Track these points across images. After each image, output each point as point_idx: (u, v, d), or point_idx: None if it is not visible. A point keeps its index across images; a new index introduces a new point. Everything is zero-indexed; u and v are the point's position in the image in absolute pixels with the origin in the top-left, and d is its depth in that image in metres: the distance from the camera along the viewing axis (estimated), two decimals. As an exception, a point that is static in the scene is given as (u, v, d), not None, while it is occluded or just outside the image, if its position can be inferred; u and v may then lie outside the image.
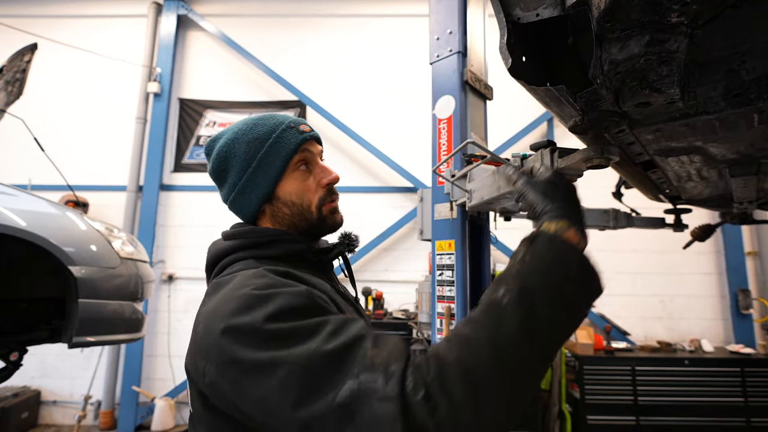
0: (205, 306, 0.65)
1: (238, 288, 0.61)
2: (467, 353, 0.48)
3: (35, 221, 1.67)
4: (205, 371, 0.57)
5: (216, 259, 0.77)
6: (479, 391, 0.46)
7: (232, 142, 0.78)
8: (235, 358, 0.54)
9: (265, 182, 0.76)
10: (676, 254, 4.07)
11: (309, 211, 0.78)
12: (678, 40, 0.72)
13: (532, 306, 0.50)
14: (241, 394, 0.53)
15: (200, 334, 0.60)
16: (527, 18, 0.83)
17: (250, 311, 0.56)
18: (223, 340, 0.55)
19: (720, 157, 1.17)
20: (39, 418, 4.35)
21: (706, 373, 3.43)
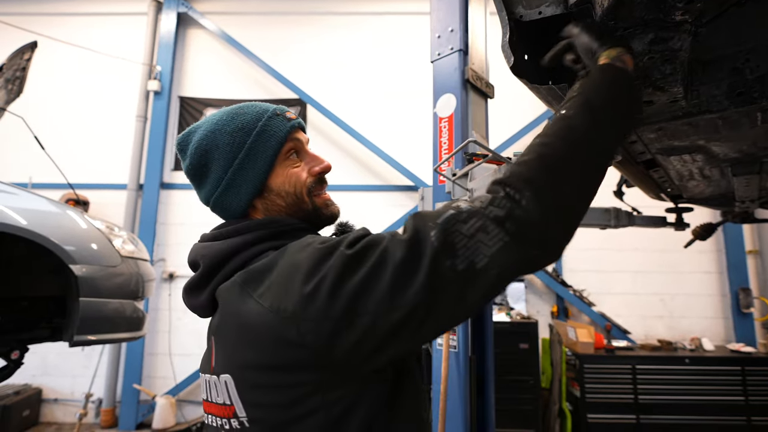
0: (255, 292, 0.59)
1: (300, 251, 0.60)
2: (542, 149, 0.56)
3: (36, 220, 1.67)
4: (305, 333, 0.54)
5: (222, 261, 0.66)
6: (556, 171, 0.54)
7: (212, 134, 0.71)
8: (334, 297, 0.53)
9: (255, 174, 0.70)
10: (677, 253, 4.07)
11: (303, 200, 0.73)
12: (682, 38, 0.71)
13: (595, 110, 0.58)
14: (354, 320, 0.53)
15: (276, 308, 0.56)
16: (529, 16, 0.83)
17: (329, 254, 0.56)
18: (318, 287, 0.54)
19: (722, 156, 1.17)
20: (40, 416, 4.36)
21: (707, 371, 3.44)
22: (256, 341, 0.58)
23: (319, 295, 0.54)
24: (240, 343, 0.60)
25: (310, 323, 0.54)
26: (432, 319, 0.53)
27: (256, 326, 0.58)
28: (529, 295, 4.35)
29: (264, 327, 0.57)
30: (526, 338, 3.55)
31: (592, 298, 4.34)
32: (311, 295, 0.54)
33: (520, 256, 0.52)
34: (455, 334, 1.65)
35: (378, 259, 0.54)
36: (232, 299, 0.62)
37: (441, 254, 0.52)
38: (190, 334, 4.46)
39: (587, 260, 4.42)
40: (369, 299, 0.53)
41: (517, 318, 3.76)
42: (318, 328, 0.54)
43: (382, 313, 0.53)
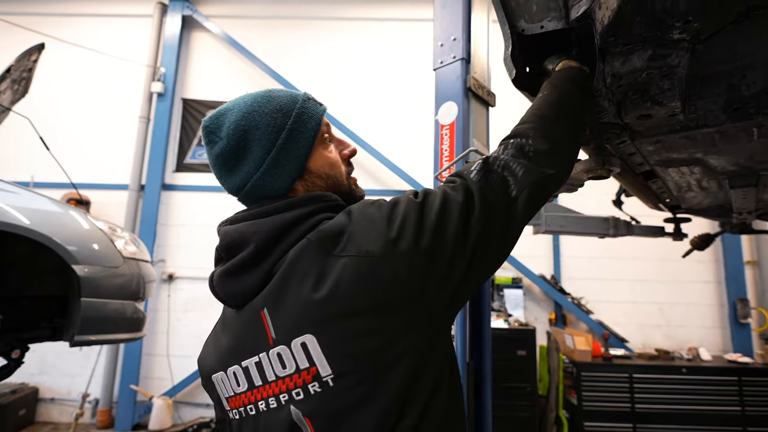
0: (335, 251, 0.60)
1: (368, 207, 0.64)
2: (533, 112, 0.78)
3: (38, 219, 1.68)
4: (396, 270, 0.57)
5: (281, 233, 0.64)
6: (547, 121, 0.75)
7: (250, 114, 0.69)
8: (416, 234, 0.60)
9: (298, 155, 0.70)
10: (676, 262, 4.08)
11: (341, 182, 0.75)
12: (680, 55, 0.73)
13: (562, 89, 0.80)
14: (437, 251, 0.60)
15: (363, 252, 0.58)
16: (532, 30, 0.85)
17: (398, 205, 0.64)
18: (401, 228, 0.60)
19: (720, 169, 1.19)
20: (36, 415, 4.34)
21: (704, 381, 3.44)
22: (342, 289, 0.58)
23: (405, 233, 0.59)
24: (322, 298, 0.58)
25: (401, 259, 0.58)
26: (494, 242, 0.65)
27: (341, 275, 0.58)
28: (527, 302, 4.35)
29: (351, 274, 0.58)
30: (524, 345, 3.56)
31: (590, 306, 4.35)
32: (399, 233, 0.59)
33: (539, 174, 0.69)
34: (453, 340, 1.66)
35: (443, 201, 0.63)
36: (304, 259, 0.61)
37: (486, 190, 0.65)
38: (188, 335, 4.45)
39: (586, 268, 4.44)
40: (448, 232, 0.61)
41: (515, 325, 3.76)
42: (411, 263, 0.58)
43: (460, 242, 0.61)
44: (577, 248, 4.46)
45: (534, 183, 0.68)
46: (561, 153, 0.74)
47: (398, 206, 0.63)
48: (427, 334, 0.61)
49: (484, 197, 0.64)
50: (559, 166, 0.72)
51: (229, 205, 3.49)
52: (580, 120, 0.83)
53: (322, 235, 0.61)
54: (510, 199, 0.66)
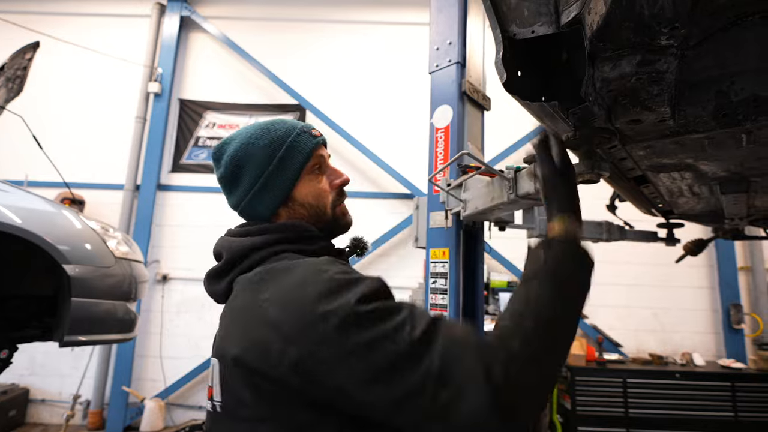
0: (263, 294, 0.63)
1: (314, 274, 0.62)
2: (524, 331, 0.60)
3: (30, 218, 1.67)
4: (285, 355, 0.57)
5: (240, 256, 0.72)
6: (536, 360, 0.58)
7: (247, 146, 0.77)
8: (328, 339, 0.56)
9: (283, 184, 0.77)
10: (670, 267, 4.09)
11: (325, 212, 0.80)
12: (668, 60, 0.73)
13: (560, 293, 0.65)
14: (340, 373, 0.55)
15: (275, 321, 0.59)
16: (523, 34, 0.85)
17: (338, 294, 0.59)
18: (314, 324, 0.57)
19: (711, 175, 1.19)
20: (27, 416, 4.30)
21: (697, 387, 3.45)
22: (248, 339, 0.62)
23: (311, 333, 0.57)
24: (234, 334, 0.65)
25: (296, 349, 0.57)
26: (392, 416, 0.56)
27: (254, 329, 0.61)
28: (522, 306, 4.35)
29: (260, 331, 0.60)
30: (519, 349, 3.55)
31: (585, 311, 4.35)
32: (305, 328, 0.57)
33: (489, 420, 0.53)
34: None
35: (376, 339, 0.56)
36: (241, 293, 0.68)
37: (432, 377, 0.54)
38: (182, 336, 4.43)
39: (581, 272, 4.45)
40: (354, 363, 0.55)
41: (510, 328, 3.76)
42: (301, 356, 0.56)
43: (354, 383, 0.55)
44: (572, 253, 4.47)
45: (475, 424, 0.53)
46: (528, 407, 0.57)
47: (333, 300, 0.58)
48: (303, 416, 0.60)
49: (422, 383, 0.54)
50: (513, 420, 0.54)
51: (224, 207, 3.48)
52: (571, 339, 0.66)
53: (260, 278, 0.67)
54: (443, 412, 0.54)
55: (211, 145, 4.87)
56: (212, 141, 4.87)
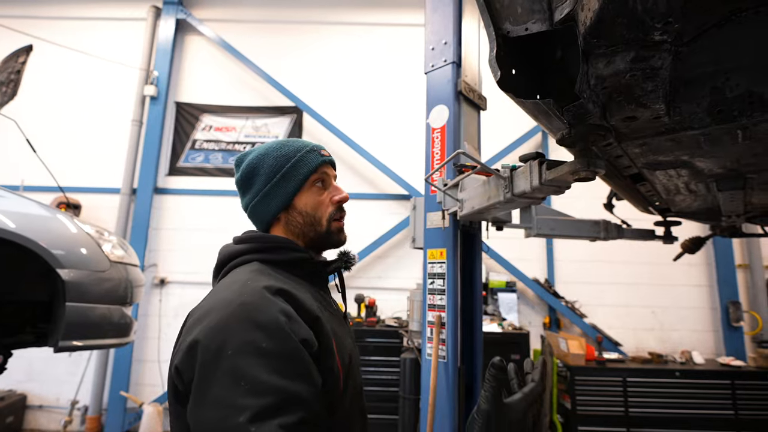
0: (202, 302, 0.73)
1: (231, 294, 0.69)
2: None
3: (24, 223, 1.66)
4: (175, 363, 0.66)
5: (227, 260, 0.83)
6: None
7: (263, 156, 0.88)
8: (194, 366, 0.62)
9: (286, 192, 0.86)
10: (668, 266, 4.10)
11: (320, 223, 0.87)
12: (662, 57, 0.73)
13: None
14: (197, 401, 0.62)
15: (186, 329, 0.69)
16: (516, 32, 0.84)
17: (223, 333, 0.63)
18: (192, 349, 0.63)
19: (707, 172, 1.19)
20: (24, 422, 4.26)
21: (697, 385, 3.44)
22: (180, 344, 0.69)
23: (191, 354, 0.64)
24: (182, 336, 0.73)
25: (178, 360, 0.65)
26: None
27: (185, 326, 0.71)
28: (521, 306, 4.35)
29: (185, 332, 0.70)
30: (518, 349, 3.55)
31: (584, 309, 4.35)
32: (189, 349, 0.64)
33: None
34: (444, 344, 1.64)
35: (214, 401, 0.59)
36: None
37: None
38: (179, 340, 4.40)
39: (579, 272, 4.45)
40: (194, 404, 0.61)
41: (509, 329, 3.75)
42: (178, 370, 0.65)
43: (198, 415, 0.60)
44: (570, 252, 4.48)
45: None
46: None
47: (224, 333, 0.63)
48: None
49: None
50: None
51: (221, 210, 3.52)
52: None
53: (218, 285, 0.77)
54: None
55: (207, 148, 4.85)
56: (209, 144, 4.86)
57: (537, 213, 1.89)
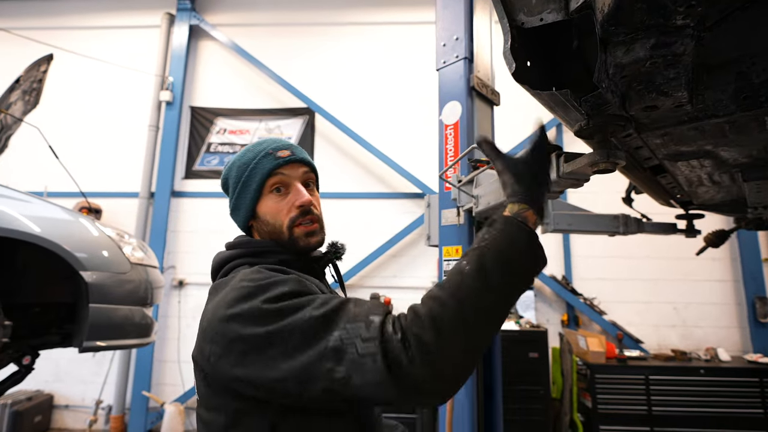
0: (209, 303, 0.75)
1: (237, 282, 0.72)
2: (436, 307, 0.60)
3: (49, 227, 1.71)
4: (210, 353, 0.68)
5: (219, 266, 0.86)
6: (443, 335, 0.58)
7: (231, 166, 0.91)
8: (237, 336, 0.65)
9: (246, 202, 0.87)
10: (691, 260, 3.98)
11: (281, 231, 0.85)
12: (685, 42, 0.71)
13: (486, 274, 0.61)
14: (246, 363, 0.64)
15: (205, 323, 0.72)
16: (531, 23, 0.83)
17: (249, 298, 0.67)
18: (226, 324, 0.67)
19: (732, 161, 1.15)
20: (51, 421, 4.40)
21: (723, 383, 3.34)
22: (197, 341, 0.74)
23: (226, 330, 0.67)
24: (197, 337, 0.76)
25: (215, 347, 0.68)
26: (296, 397, 0.63)
27: (199, 330, 0.74)
28: (538, 304, 4.29)
29: (199, 333, 0.73)
30: (536, 347, 3.50)
31: (603, 306, 4.27)
32: (222, 327, 0.67)
33: (389, 392, 0.58)
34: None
35: (278, 328, 0.64)
36: (206, 301, 0.79)
37: (328, 355, 0.60)
38: (198, 341, 4.48)
39: (598, 268, 4.36)
40: (257, 354, 0.64)
41: (526, 326, 3.71)
42: (217, 353, 0.67)
43: (259, 370, 0.64)
44: (588, 248, 4.39)
45: (377, 395, 0.59)
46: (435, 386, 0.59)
47: (245, 302, 0.67)
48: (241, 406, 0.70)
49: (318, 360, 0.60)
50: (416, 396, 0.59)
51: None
52: (495, 327, 0.64)
53: (213, 286, 0.80)
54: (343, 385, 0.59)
55: (222, 151, 4.92)
56: (223, 147, 4.93)
57: (554, 208, 1.86)
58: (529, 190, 0.74)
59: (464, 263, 0.64)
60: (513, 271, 0.64)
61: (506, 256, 0.64)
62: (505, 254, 0.64)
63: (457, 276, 0.62)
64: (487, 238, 0.66)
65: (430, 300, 0.62)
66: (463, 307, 0.59)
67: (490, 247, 0.64)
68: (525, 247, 0.66)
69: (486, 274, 0.61)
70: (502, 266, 0.63)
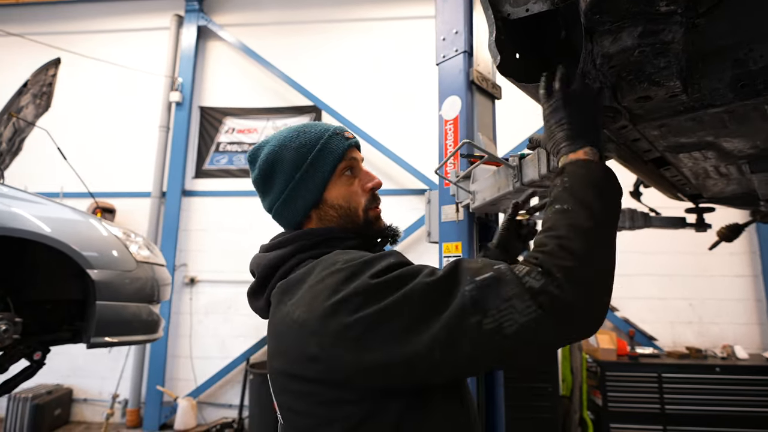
0: (289, 302, 0.66)
1: (328, 268, 0.64)
2: (559, 241, 0.59)
3: (58, 227, 1.76)
4: (319, 351, 0.59)
5: (271, 270, 0.74)
6: (580, 258, 0.57)
7: (280, 148, 0.79)
8: (352, 321, 0.58)
9: (314, 186, 0.78)
10: (707, 255, 3.85)
11: (356, 214, 0.80)
12: (673, 30, 0.68)
13: (588, 203, 0.62)
14: (372, 346, 0.57)
15: (301, 320, 0.62)
16: (517, 14, 0.81)
17: (353, 278, 0.61)
18: (334, 314, 0.59)
19: (737, 153, 1.11)
20: (71, 415, 4.54)
21: (740, 381, 3.25)
22: (285, 350, 0.65)
23: (339, 316, 0.58)
24: (276, 350, 0.69)
25: (325, 340, 0.59)
26: (442, 365, 0.57)
27: (286, 336, 0.65)
28: (548, 300, 4.23)
29: (291, 338, 0.63)
30: (545, 344, 3.45)
31: (615, 302, 4.19)
32: (332, 315, 0.59)
33: (549, 329, 0.55)
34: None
35: (400, 297, 0.58)
36: (274, 308, 0.70)
37: (469, 310, 0.55)
38: (210, 337, 4.56)
39: (609, 264, 4.27)
40: (385, 331, 0.57)
41: (535, 323, 3.66)
42: (331, 346, 0.59)
43: (392, 348, 0.56)
44: (599, 243, 4.30)
45: (538, 336, 0.55)
46: (590, 306, 0.58)
47: (351, 282, 0.60)
48: (360, 406, 0.61)
49: (460, 319, 0.55)
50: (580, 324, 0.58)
51: (245, 210, 3.60)
52: (613, 237, 0.66)
53: (284, 288, 0.69)
54: (498, 334, 0.54)
55: (231, 150, 4.98)
56: (232, 146, 4.98)
57: (556, 203, 1.83)
58: (583, 130, 0.72)
59: (558, 206, 0.64)
60: (607, 197, 0.65)
61: (595, 185, 0.64)
62: (593, 184, 0.64)
63: (559, 215, 0.63)
64: (567, 179, 0.66)
65: (546, 238, 0.61)
66: (586, 233, 0.60)
67: (576, 185, 0.65)
68: (604, 175, 0.66)
69: (587, 205, 0.62)
70: (597, 195, 0.63)
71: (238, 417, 4.09)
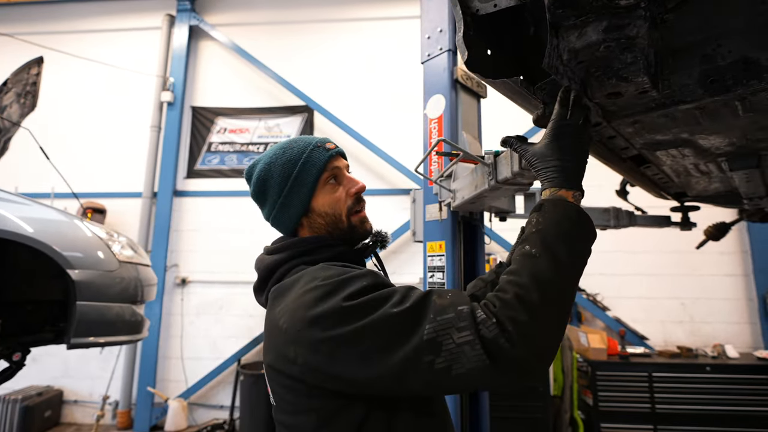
0: (278, 307, 0.74)
1: (309, 282, 0.72)
2: (519, 291, 0.62)
3: (40, 228, 1.74)
4: (296, 356, 0.68)
5: (269, 273, 0.83)
6: (536, 315, 0.60)
7: (269, 165, 0.87)
8: (324, 338, 0.65)
9: (301, 197, 0.85)
10: (698, 255, 3.87)
11: (341, 219, 0.87)
12: (638, 24, 0.67)
13: (555, 251, 0.65)
14: (337, 363, 0.65)
15: (284, 328, 0.70)
16: (485, 9, 0.80)
17: (328, 297, 0.67)
18: (310, 326, 0.66)
19: (714, 150, 1.10)
20: (61, 416, 4.50)
21: (731, 380, 3.25)
22: (273, 348, 0.74)
23: (313, 330, 0.66)
24: (267, 345, 0.78)
25: (301, 348, 0.68)
26: (395, 391, 0.65)
27: (274, 337, 0.74)
28: (540, 300, 4.23)
29: (277, 340, 0.73)
30: (536, 344, 3.45)
31: (606, 302, 4.19)
32: (308, 328, 0.67)
33: (493, 377, 0.60)
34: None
35: (367, 323, 0.64)
36: (269, 307, 0.79)
37: (425, 349, 0.61)
38: (201, 338, 4.53)
39: (600, 263, 4.27)
40: (350, 352, 0.64)
41: (526, 323, 3.66)
42: (305, 355, 0.67)
43: (354, 368, 0.64)
44: (591, 243, 4.31)
45: (481, 381, 0.61)
46: (534, 359, 0.61)
47: (326, 301, 0.67)
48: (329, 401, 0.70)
49: (416, 355, 0.61)
50: (523, 374, 0.61)
51: (237, 210, 3.58)
52: (574, 289, 0.69)
53: (276, 293, 0.78)
54: (445, 375, 0.60)
55: (223, 150, 4.96)
56: (224, 146, 4.96)
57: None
58: (563, 169, 0.74)
59: (527, 248, 0.67)
60: (575, 245, 0.68)
61: (566, 232, 0.67)
62: (564, 231, 0.67)
63: (526, 260, 0.65)
64: (542, 221, 0.69)
65: (509, 285, 0.64)
66: (545, 285, 0.62)
67: (548, 229, 0.67)
68: (577, 220, 0.69)
69: (554, 253, 0.65)
70: (564, 242, 0.66)
71: (229, 418, 4.07)
